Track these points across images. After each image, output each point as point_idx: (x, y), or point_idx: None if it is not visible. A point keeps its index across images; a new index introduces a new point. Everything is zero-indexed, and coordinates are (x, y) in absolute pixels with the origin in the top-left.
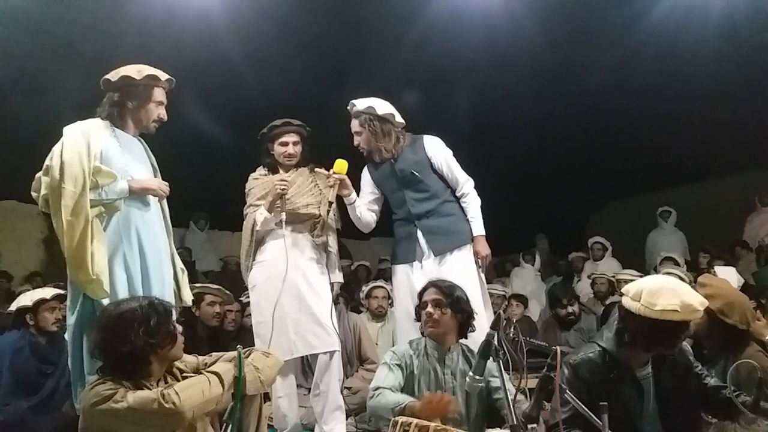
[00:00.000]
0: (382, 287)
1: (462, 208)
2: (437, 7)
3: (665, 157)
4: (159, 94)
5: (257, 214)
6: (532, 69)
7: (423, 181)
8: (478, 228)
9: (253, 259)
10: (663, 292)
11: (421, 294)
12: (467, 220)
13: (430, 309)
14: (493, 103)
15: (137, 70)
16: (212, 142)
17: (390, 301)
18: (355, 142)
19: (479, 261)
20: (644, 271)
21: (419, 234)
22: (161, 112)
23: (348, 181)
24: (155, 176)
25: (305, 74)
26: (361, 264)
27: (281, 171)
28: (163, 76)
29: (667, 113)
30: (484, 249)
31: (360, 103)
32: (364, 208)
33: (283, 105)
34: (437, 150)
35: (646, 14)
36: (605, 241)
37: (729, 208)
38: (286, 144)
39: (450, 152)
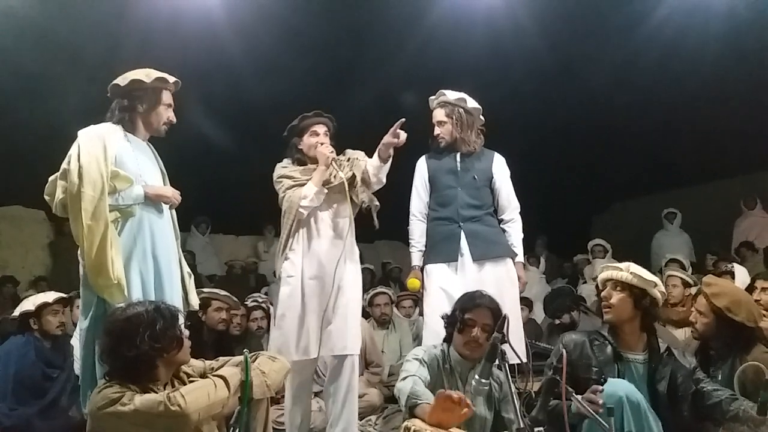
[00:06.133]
0: (384, 293)
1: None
2: (439, 11)
3: (669, 159)
4: (167, 96)
5: (305, 189)
6: (534, 71)
7: (478, 190)
8: (520, 254)
9: (290, 249)
10: None
11: (469, 308)
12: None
13: (478, 333)
14: (495, 106)
15: (146, 74)
16: (213, 146)
17: (393, 306)
18: (436, 132)
19: (519, 285)
20: None
21: (462, 235)
22: (170, 115)
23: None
24: (164, 181)
25: (308, 77)
26: (366, 267)
27: (309, 165)
28: (171, 78)
29: (670, 114)
30: (524, 276)
31: (450, 94)
32: (419, 225)
33: (286, 109)
34: (503, 171)
35: (648, 16)
36: (605, 243)
37: (734, 209)
38: (317, 134)
39: (509, 173)
